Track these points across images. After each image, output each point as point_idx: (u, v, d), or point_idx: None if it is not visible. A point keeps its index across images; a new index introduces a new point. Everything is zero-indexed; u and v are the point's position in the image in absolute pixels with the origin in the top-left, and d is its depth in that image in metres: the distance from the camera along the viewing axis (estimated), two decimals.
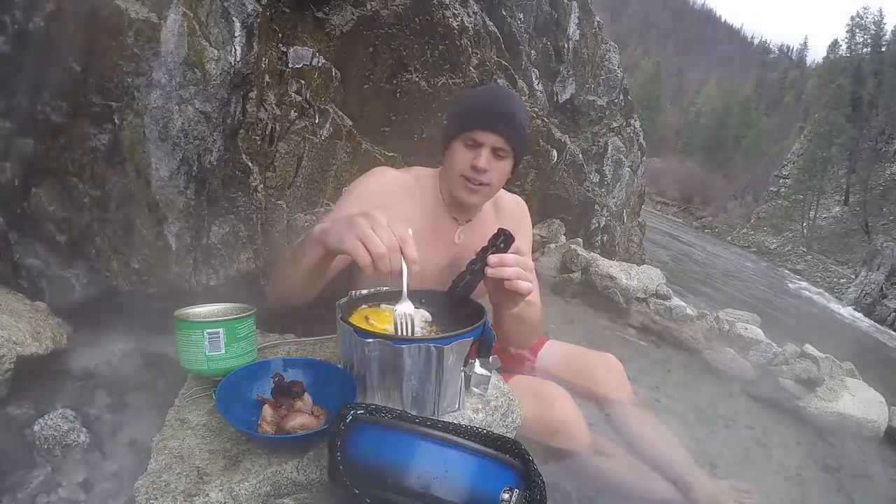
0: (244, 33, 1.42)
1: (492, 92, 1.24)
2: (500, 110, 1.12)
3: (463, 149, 1.13)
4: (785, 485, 1.55)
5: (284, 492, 0.77)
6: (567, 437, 1.10)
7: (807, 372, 2.36)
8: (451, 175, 1.17)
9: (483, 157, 1.11)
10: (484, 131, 1.11)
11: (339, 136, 1.77)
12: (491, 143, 1.11)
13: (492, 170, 1.13)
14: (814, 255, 21.50)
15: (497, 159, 1.13)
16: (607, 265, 2.82)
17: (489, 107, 1.13)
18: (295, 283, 1.03)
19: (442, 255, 1.25)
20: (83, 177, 1.39)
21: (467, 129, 1.12)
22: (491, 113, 1.12)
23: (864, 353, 7.68)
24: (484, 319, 0.88)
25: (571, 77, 4.06)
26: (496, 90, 1.30)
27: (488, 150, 1.11)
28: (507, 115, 1.12)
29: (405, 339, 0.82)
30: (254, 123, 1.52)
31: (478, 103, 1.15)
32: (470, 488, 0.68)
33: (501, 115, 1.12)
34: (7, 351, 1.01)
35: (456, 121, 1.16)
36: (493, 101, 1.14)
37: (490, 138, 1.11)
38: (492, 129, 1.11)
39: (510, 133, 1.12)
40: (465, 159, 1.13)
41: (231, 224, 1.54)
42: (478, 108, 1.13)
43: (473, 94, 1.20)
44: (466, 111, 1.15)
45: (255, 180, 1.56)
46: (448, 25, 2.04)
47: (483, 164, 1.11)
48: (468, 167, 1.12)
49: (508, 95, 1.21)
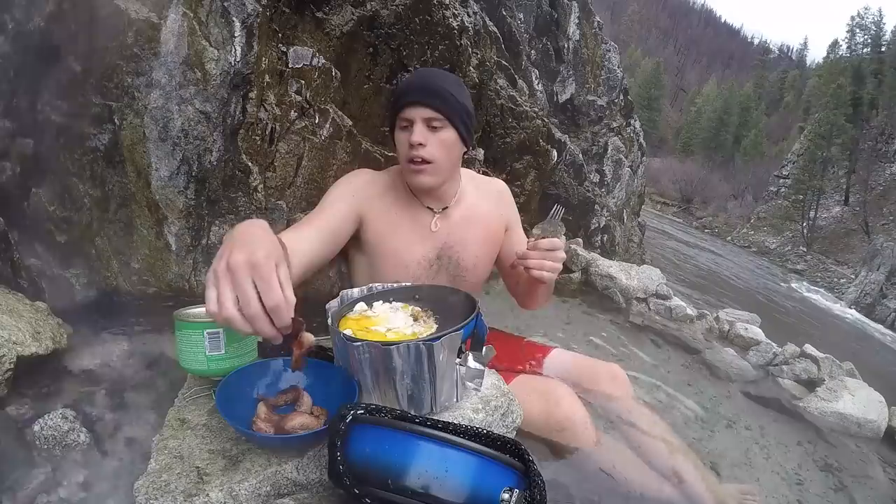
0: (244, 33, 1.42)
1: (416, 71, 1.31)
2: (423, 84, 1.15)
3: (400, 133, 1.17)
4: (785, 485, 1.55)
5: (284, 492, 0.77)
6: (574, 433, 1.10)
7: (807, 372, 2.36)
8: (402, 167, 1.20)
9: (416, 131, 1.12)
10: (410, 107, 1.13)
11: (339, 136, 1.77)
12: (420, 116, 1.13)
13: (430, 144, 1.14)
14: (814, 255, 21.50)
15: (433, 131, 1.14)
16: (607, 265, 2.82)
17: (411, 84, 1.16)
18: None
19: (426, 247, 1.26)
20: (83, 177, 1.40)
21: (397, 111, 1.16)
22: (415, 88, 1.14)
23: (864, 353, 7.68)
24: (475, 314, 0.88)
25: (571, 77, 4.06)
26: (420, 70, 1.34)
27: (420, 124, 1.13)
28: (430, 87, 1.14)
29: (393, 341, 0.81)
30: (254, 123, 1.52)
31: (403, 85, 1.19)
32: (470, 488, 0.68)
33: (424, 88, 1.14)
34: (7, 351, 1.01)
35: (389, 110, 1.20)
36: (416, 79, 1.18)
37: (418, 112, 1.13)
38: (417, 101, 1.13)
39: (437, 102, 1.13)
40: (403, 141, 1.16)
41: (231, 224, 1.53)
42: (402, 89, 1.17)
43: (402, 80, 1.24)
44: (395, 96, 1.19)
45: (255, 180, 1.56)
46: (448, 25, 2.04)
47: (417, 138, 1.12)
48: (407, 147, 1.14)
49: (432, 70, 1.26)
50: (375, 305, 0.98)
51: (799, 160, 27.05)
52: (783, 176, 27.94)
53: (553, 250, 1.07)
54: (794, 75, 64.98)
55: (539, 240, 1.08)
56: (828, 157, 25.61)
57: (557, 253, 1.08)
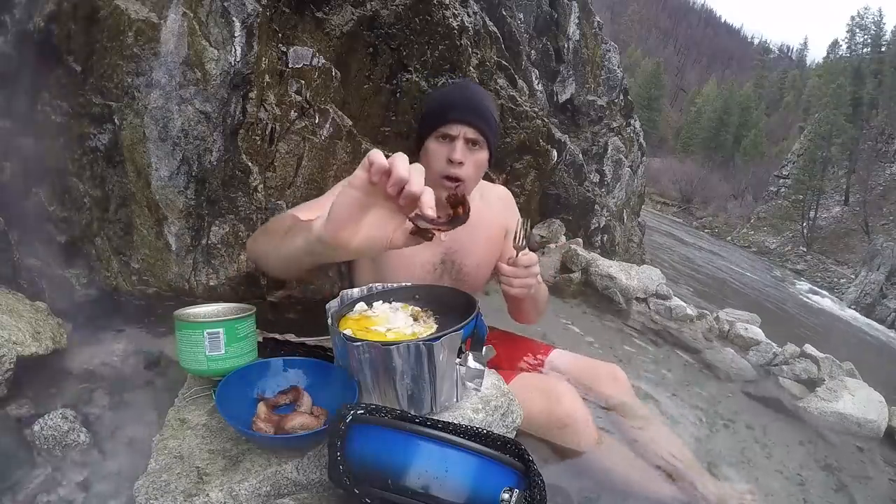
0: (244, 33, 1.42)
1: (459, 85, 1.27)
2: (470, 102, 1.14)
3: (437, 145, 1.15)
4: (785, 485, 1.55)
5: (284, 492, 0.77)
6: (575, 431, 1.10)
7: (807, 372, 2.36)
8: (430, 176, 1.17)
9: (458, 148, 1.12)
10: (456, 123, 1.12)
11: (339, 136, 1.77)
12: (464, 134, 1.13)
13: (468, 162, 1.14)
14: (814, 255, 21.50)
15: (471, 151, 1.14)
16: (607, 265, 2.82)
17: (458, 99, 1.15)
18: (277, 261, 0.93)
19: (432, 251, 1.26)
20: (83, 177, 1.40)
21: (439, 123, 1.14)
22: (461, 105, 1.14)
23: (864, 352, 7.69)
24: (475, 313, 0.88)
25: (571, 77, 4.06)
26: (463, 84, 1.32)
27: (462, 142, 1.13)
28: (476, 106, 1.14)
29: (393, 341, 0.81)
30: (254, 123, 1.52)
31: (447, 98, 1.17)
32: (470, 488, 0.68)
33: (471, 106, 1.14)
34: (7, 351, 1.01)
35: (427, 119, 1.17)
36: (461, 94, 1.17)
37: (462, 130, 1.13)
38: (463, 120, 1.12)
39: (482, 123, 1.13)
40: (440, 155, 1.14)
41: (231, 224, 1.54)
42: (448, 102, 1.15)
43: (442, 91, 1.23)
44: (437, 107, 1.17)
45: (255, 180, 1.56)
46: (448, 25, 2.04)
47: (458, 156, 1.12)
48: (444, 162, 1.13)
49: (475, 87, 1.23)
50: (375, 305, 0.98)
51: (799, 160, 27.07)
52: (783, 176, 27.95)
53: (528, 266, 1.09)
54: (794, 75, 64.99)
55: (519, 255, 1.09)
56: (828, 157, 25.63)
57: (532, 268, 1.10)
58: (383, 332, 0.89)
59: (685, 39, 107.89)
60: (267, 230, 1.00)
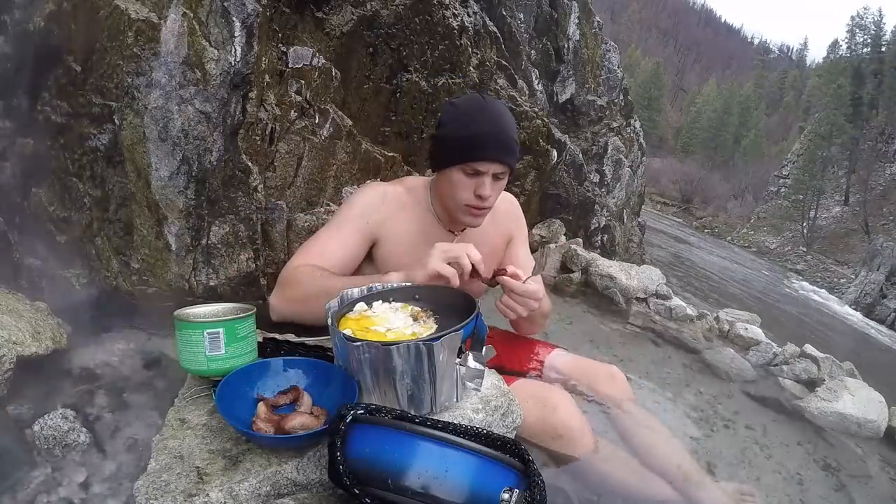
0: (244, 33, 1.42)
1: (486, 110, 1.13)
2: (499, 138, 1.11)
3: (463, 178, 1.12)
4: (785, 485, 1.55)
5: (284, 492, 0.77)
6: (570, 441, 1.09)
7: (807, 372, 2.36)
8: (453, 203, 1.17)
9: (487, 185, 1.12)
10: (487, 162, 1.11)
11: (339, 136, 1.77)
12: (493, 170, 1.12)
13: (493, 193, 1.15)
14: (814, 255, 21.51)
15: (497, 181, 1.15)
16: (607, 265, 2.82)
17: (489, 136, 1.10)
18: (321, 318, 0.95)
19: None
20: (83, 177, 1.40)
21: (468, 159, 1.11)
22: (492, 144, 1.10)
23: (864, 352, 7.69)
24: (475, 313, 0.88)
25: (571, 77, 4.06)
26: (490, 109, 1.15)
27: (490, 178, 1.12)
28: (506, 143, 1.12)
29: (393, 341, 0.81)
30: (254, 123, 1.53)
31: (477, 131, 1.10)
32: (470, 488, 0.68)
33: (501, 143, 1.11)
34: (7, 351, 1.02)
35: (454, 150, 1.12)
36: (491, 129, 1.11)
37: (492, 167, 1.11)
38: (494, 159, 1.11)
39: (510, 158, 1.13)
40: (467, 188, 1.13)
41: (231, 224, 1.54)
42: (478, 139, 1.10)
43: (467, 114, 1.13)
44: (466, 140, 1.10)
45: (255, 180, 1.56)
46: (448, 25, 2.04)
47: (488, 193, 1.12)
48: (472, 196, 1.13)
49: (502, 115, 1.15)
50: (375, 305, 0.98)
51: (799, 160, 27.08)
52: (783, 176, 27.96)
53: (524, 296, 1.07)
54: (794, 75, 65.00)
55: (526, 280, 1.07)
56: (828, 157, 25.64)
57: (529, 301, 1.07)
58: (383, 332, 0.89)
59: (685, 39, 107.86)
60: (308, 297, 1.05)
